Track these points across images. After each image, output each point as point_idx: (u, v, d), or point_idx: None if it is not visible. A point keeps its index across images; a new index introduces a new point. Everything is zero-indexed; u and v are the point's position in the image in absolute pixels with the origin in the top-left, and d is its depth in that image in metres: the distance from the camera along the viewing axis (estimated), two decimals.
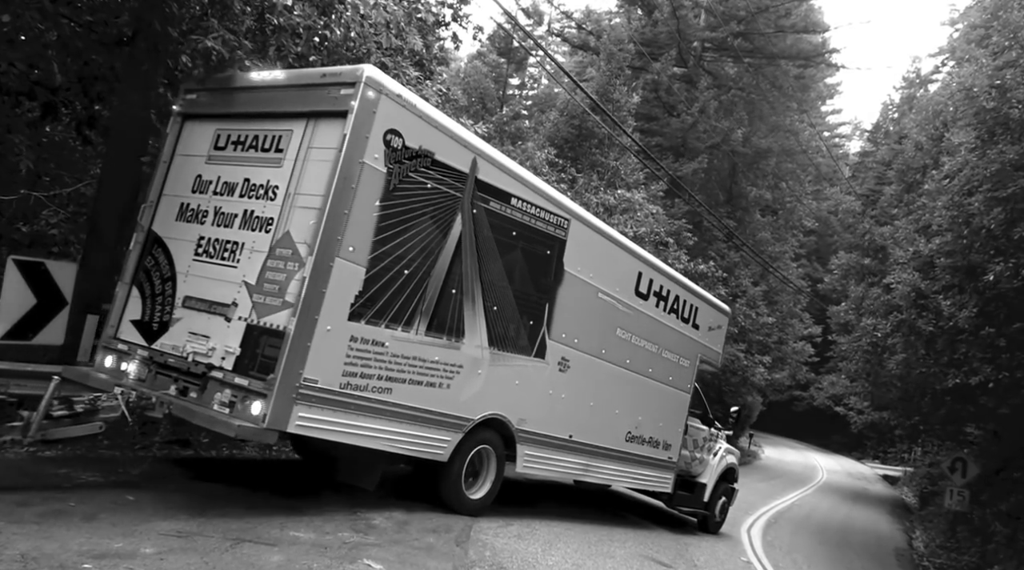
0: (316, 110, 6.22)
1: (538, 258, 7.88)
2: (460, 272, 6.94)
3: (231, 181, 6.60)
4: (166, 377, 6.28)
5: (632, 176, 22.92)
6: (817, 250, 48.85)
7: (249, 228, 6.32)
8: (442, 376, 6.92)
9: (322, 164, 6.01)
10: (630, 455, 9.83)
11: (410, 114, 6.28)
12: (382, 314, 6.27)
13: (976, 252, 14.78)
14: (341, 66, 7.21)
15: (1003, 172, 13.41)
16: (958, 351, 16.02)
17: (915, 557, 17.09)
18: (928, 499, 24.00)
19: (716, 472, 11.62)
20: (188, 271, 6.60)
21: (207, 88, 7.10)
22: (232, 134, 6.78)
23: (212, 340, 6.16)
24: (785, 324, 34.78)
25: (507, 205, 7.39)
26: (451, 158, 6.69)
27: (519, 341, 7.76)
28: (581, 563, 7.24)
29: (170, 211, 6.96)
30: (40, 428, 5.70)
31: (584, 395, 8.82)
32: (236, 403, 5.78)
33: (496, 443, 7.73)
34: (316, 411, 5.89)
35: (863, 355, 23.47)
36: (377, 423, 6.40)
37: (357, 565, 5.35)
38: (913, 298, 17.99)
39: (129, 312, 6.87)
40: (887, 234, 25.04)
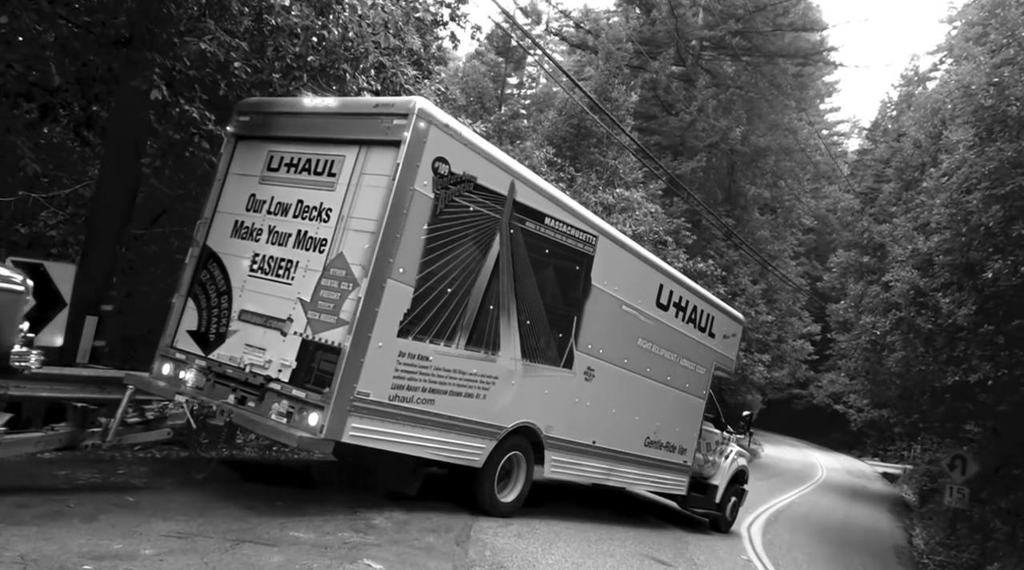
0: (369, 138, 6.57)
1: (568, 274, 8.27)
2: (497, 289, 7.32)
3: (285, 202, 6.96)
4: (224, 387, 6.61)
5: (631, 175, 22.92)
6: (816, 248, 48.88)
7: (303, 247, 6.68)
8: (479, 387, 7.32)
9: (375, 190, 6.37)
10: (649, 459, 10.18)
11: (456, 142, 6.64)
12: (427, 330, 6.69)
13: (975, 250, 14.79)
14: (392, 97, 7.70)
15: (1001, 170, 13.42)
16: (957, 349, 16.03)
17: (915, 554, 17.10)
18: (928, 497, 24.01)
19: (728, 474, 11.95)
20: (243, 286, 6.96)
21: (260, 111, 7.43)
22: (285, 156, 7.12)
23: (268, 353, 6.53)
24: (784, 322, 34.80)
25: (541, 224, 7.77)
26: (492, 182, 7.07)
27: (549, 353, 8.14)
28: (581, 562, 7.24)
29: (224, 228, 7.28)
30: (117, 433, 6.07)
31: (607, 403, 9.17)
32: (293, 414, 6.15)
33: (526, 449, 8.09)
34: (367, 422, 6.28)
35: (862, 353, 23.48)
36: (421, 432, 6.79)
37: (357, 565, 5.35)
38: (912, 296, 18.00)
39: (185, 323, 7.20)
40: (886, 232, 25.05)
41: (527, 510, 8.45)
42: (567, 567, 6.90)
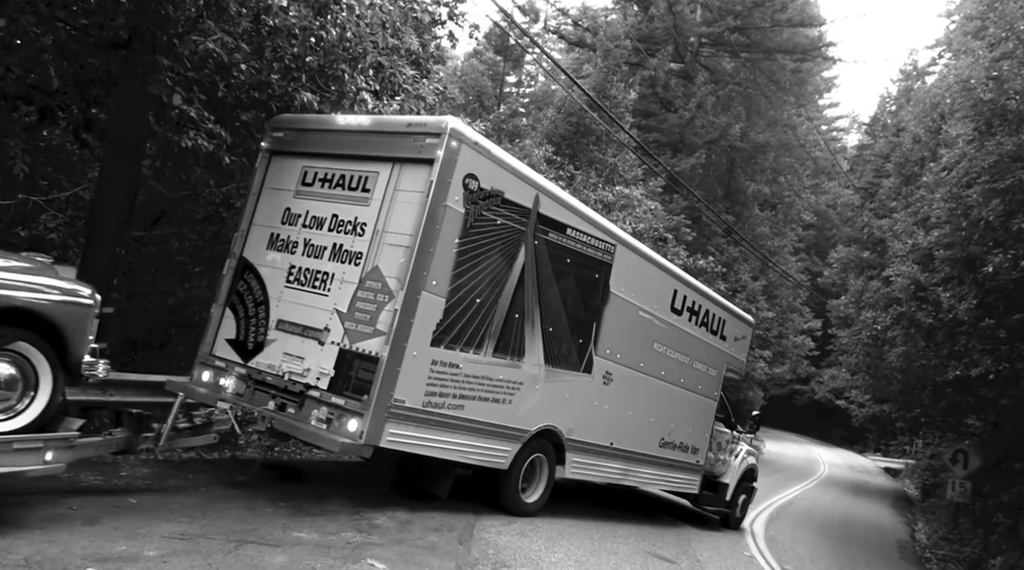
0: (402, 156, 6.84)
1: (588, 282, 8.56)
2: (522, 298, 7.62)
3: (320, 216, 7.23)
4: (264, 393, 6.89)
5: (630, 172, 22.90)
6: (816, 244, 48.87)
7: (338, 260, 6.97)
8: (505, 392, 7.62)
9: (409, 206, 6.65)
10: (663, 460, 10.49)
11: (485, 158, 6.93)
12: (458, 339, 6.98)
13: (975, 244, 14.78)
14: (425, 117, 8.10)
15: (1001, 163, 13.41)
16: (958, 343, 16.02)
17: (918, 549, 17.10)
18: (930, 491, 24.01)
19: (738, 473, 12.22)
20: (280, 296, 7.22)
21: (293, 127, 7.69)
22: (319, 172, 7.37)
23: (306, 361, 6.79)
24: (785, 318, 34.80)
25: (563, 235, 8.05)
26: (518, 196, 7.35)
27: (570, 358, 8.44)
28: (584, 560, 7.24)
29: (260, 240, 7.56)
30: (168, 438, 6.30)
31: (624, 405, 9.46)
32: (333, 420, 6.45)
33: (548, 451, 8.38)
34: (403, 427, 6.60)
35: (863, 348, 23.47)
36: (451, 436, 7.10)
37: (361, 565, 5.36)
38: (913, 291, 17.99)
39: (224, 331, 7.46)
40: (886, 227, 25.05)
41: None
42: (570, 565, 6.90)
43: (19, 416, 4.90)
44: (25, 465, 4.79)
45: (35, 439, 4.88)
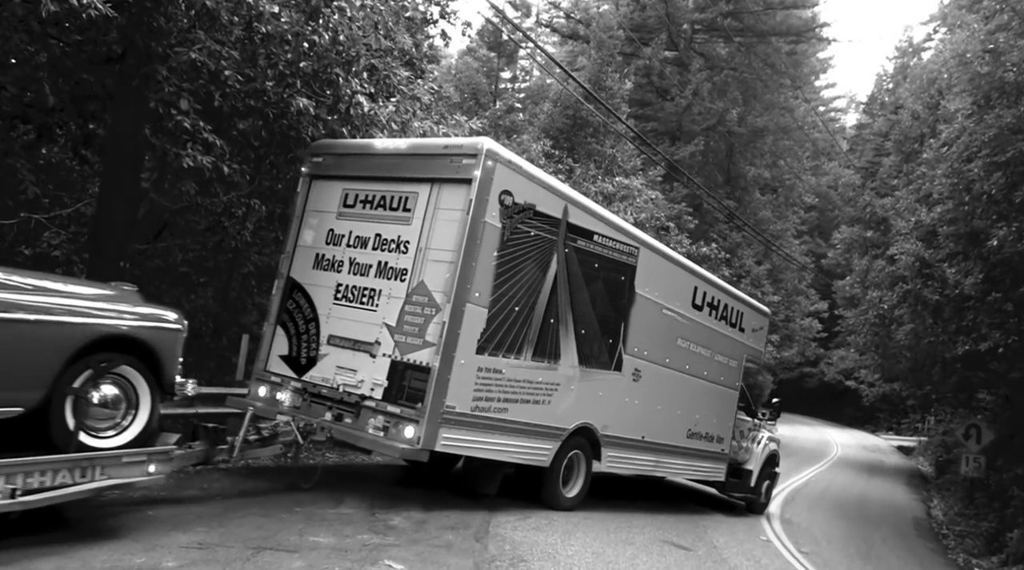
0: (440, 177, 7.25)
1: (615, 284, 8.96)
2: (556, 304, 8.03)
3: (363, 235, 7.66)
4: (320, 405, 7.31)
5: (629, 163, 22.87)
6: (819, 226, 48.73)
7: (384, 277, 7.40)
8: (544, 394, 8.02)
9: (450, 223, 7.07)
10: (691, 450, 10.92)
11: (518, 175, 7.37)
12: (500, 346, 7.39)
13: (978, 218, 14.72)
14: (460, 138, 8.65)
15: (1001, 136, 13.35)
16: (966, 318, 15.98)
17: (934, 526, 17.09)
18: (944, 467, 23.96)
19: (761, 459, 12.57)
20: (330, 313, 7.65)
21: (332, 152, 8.14)
22: (360, 193, 7.79)
23: (359, 373, 7.24)
24: (791, 301, 34.71)
25: (591, 242, 8.46)
26: (548, 207, 7.77)
27: (601, 358, 8.83)
28: (600, 551, 7.26)
29: (306, 260, 7.99)
30: (240, 450, 6.61)
31: (653, 400, 9.87)
32: (389, 428, 6.86)
33: (585, 447, 8.75)
34: (455, 431, 7.01)
35: (871, 328, 23.42)
36: (498, 438, 7.52)
37: (378, 566, 5.38)
38: (918, 268, 17.95)
39: (276, 348, 7.92)
40: (888, 205, 24.96)
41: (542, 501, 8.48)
42: (587, 557, 6.92)
43: (124, 432, 5.37)
44: (132, 477, 5.25)
45: (140, 453, 5.32)
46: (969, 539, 14.99)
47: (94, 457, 5.02)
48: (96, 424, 5.20)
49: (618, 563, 7.00)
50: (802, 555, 10.14)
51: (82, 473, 4.92)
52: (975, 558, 13.53)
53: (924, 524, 17.08)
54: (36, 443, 4.89)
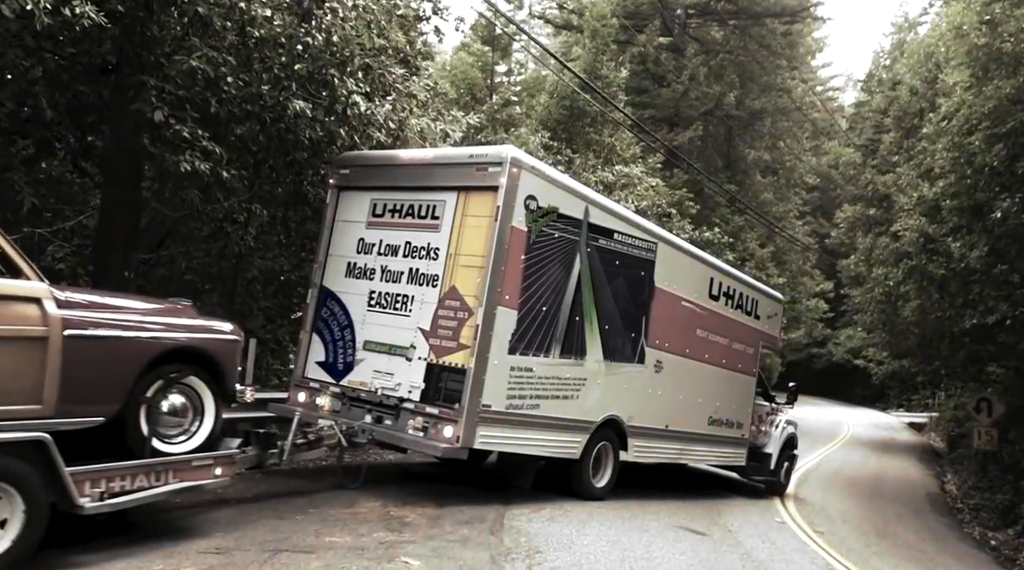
0: (467, 185, 7.52)
1: (636, 280, 9.26)
2: (581, 302, 8.32)
3: (393, 243, 7.96)
4: (360, 408, 7.65)
5: (628, 151, 22.80)
6: (821, 206, 48.57)
7: (416, 283, 7.70)
8: (573, 389, 8.33)
9: (479, 230, 7.36)
10: (712, 436, 11.27)
11: (541, 180, 7.68)
12: (530, 346, 7.69)
13: (981, 191, 14.66)
14: (485, 147, 8.90)
15: (1001, 107, 13.28)
16: (972, 292, 15.93)
17: (948, 500, 17.09)
18: (956, 442, 23.93)
19: (779, 442, 12.94)
20: (364, 320, 7.96)
21: (359, 164, 8.47)
22: (388, 203, 8.09)
23: (396, 377, 7.55)
24: (796, 283, 34.62)
25: (611, 240, 8.75)
26: (570, 209, 8.06)
27: (625, 351, 9.14)
28: (616, 539, 7.28)
29: (338, 269, 8.32)
30: (290, 453, 6.86)
31: (675, 390, 10.17)
32: (429, 428, 7.15)
33: (613, 438, 9.05)
34: (491, 429, 7.31)
35: (877, 305, 23.36)
36: (531, 433, 7.81)
37: (395, 563, 5.41)
38: (922, 243, 17.89)
39: (313, 355, 8.25)
40: (890, 182, 24.86)
41: (558, 493, 8.51)
42: (603, 545, 6.94)
43: (192, 438, 5.73)
44: (201, 480, 5.59)
45: (207, 457, 5.68)
46: (984, 512, 14.99)
47: (167, 462, 5.38)
48: (167, 431, 5.56)
49: (634, 550, 7.02)
50: (817, 535, 10.15)
51: (157, 477, 5.27)
52: (991, 531, 13.53)
53: (938, 499, 17.08)
54: (113, 450, 5.19)
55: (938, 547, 11.46)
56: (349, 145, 9.12)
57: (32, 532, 4.39)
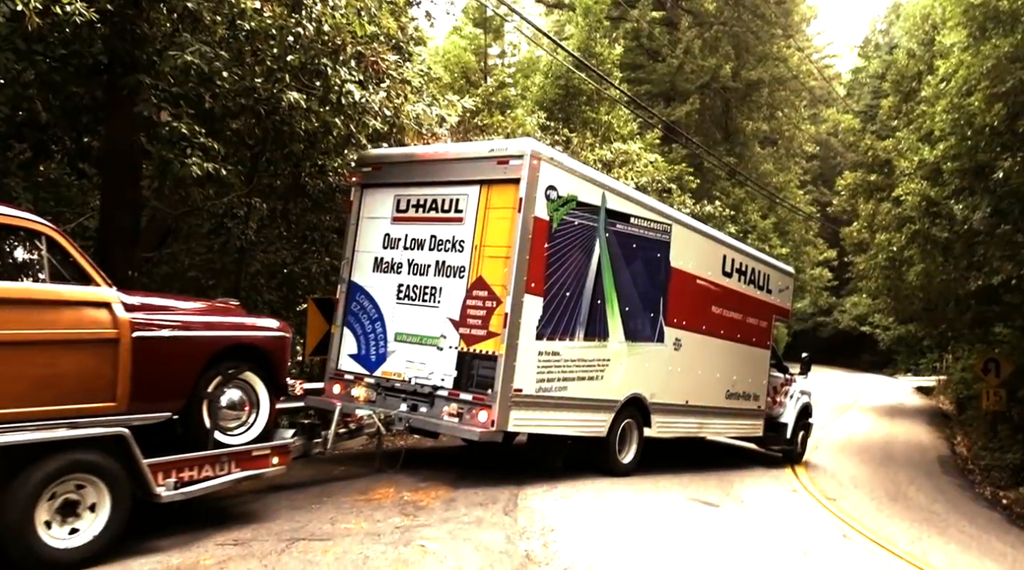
0: (489, 178, 7.76)
1: (653, 261, 9.56)
2: (602, 286, 8.60)
3: (419, 237, 8.24)
4: (395, 398, 7.96)
5: (626, 128, 22.69)
6: (822, 174, 48.35)
7: (443, 275, 7.98)
8: (597, 370, 8.61)
9: (502, 221, 7.62)
10: (730, 410, 11.66)
11: (561, 170, 7.94)
12: (556, 331, 7.97)
13: (982, 151, 14.56)
14: (504, 141, 9.01)
15: (1000, 66, 13.16)
16: (976, 253, 15.87)
17: (959, 462, 17.16)
18: (965, 404, 23.98)
19: (794, 412, 13.26)
20: (394, 312, 8.25)
21: (381, 162, 8.74)
22: (411, 198, 8.36)
23: (428, 366, 7.85)
24: (800, 252, 34.57)
25: (628, 224, 9.02)
26: (589, 197, 8.32)
27: (645, 332, 9.44)
28: (629, 515, 7.34)
29: (366, 265, 8.61)
30: (333, 442, 7.19)
31: (693, 366, 10.51)
32: (463, 414, 7.46)
33: (636, 415, 9.34)
34: (523, 412, 7.61)
35: (881, 271, 23.26)
36: (560, 414, 8.11)
37: (411, 547, 5.46)
38: (924, 207, 17.80)
39: (345, 348, 8.57)
40: (890, 147, 24.68)
41: (570, 472, 8.56)
42: (616, 521, 7.00)
43: (250, 430, 6.08)
44: (260, 468, 5.96)
45: (265, 447, 6.06)
46: (995, 472, 15.05)
47: (230, 452, 5.75)
48: (226, 424, 5.92)
49: (647, 524, 7.08)
50: (830, 502, 10.21)
51: (221, 467, 5.65)
52: (1002, 490, 13.59)
53: (949, 461, 17.15)
54: (178, 443, 5.57)
55: (950, 508, 11.51)
56: (345, 135, 9.10)
57: (118, 519, 4.81)
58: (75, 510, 4.69)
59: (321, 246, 11.25)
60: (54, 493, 4.58)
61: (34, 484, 4.45)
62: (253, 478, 6.00)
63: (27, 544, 4.41)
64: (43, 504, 4.51)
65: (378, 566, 4.99)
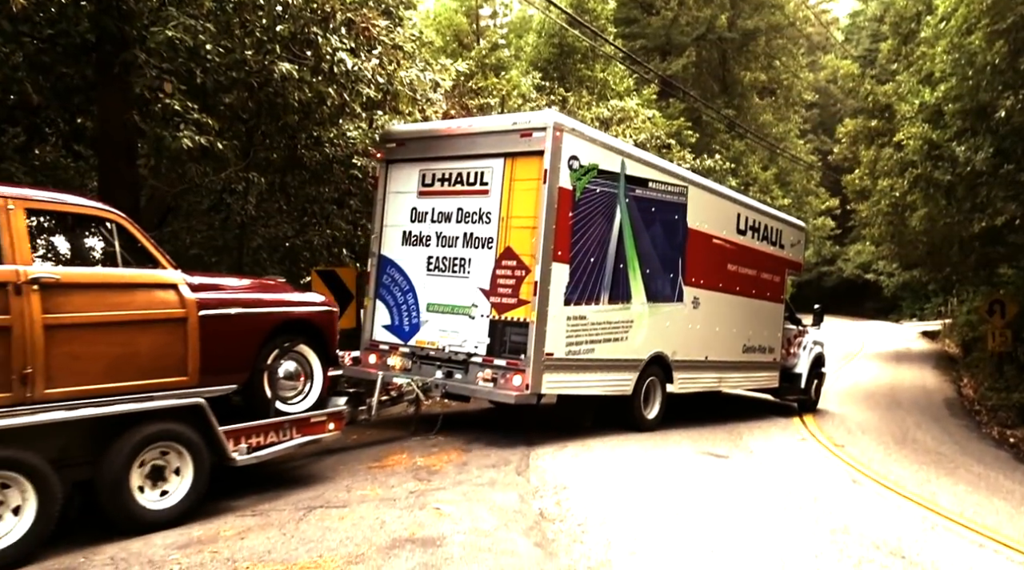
0: (513, 151, 8.01)
1: (671, 224, 9.85)
2: (623, 250, 8.90)
3: (446, 210, 8.51)
4: (429, 365, 8.31)
5: (622, 84, 22.45)
6: (822, 122, 47.91)
7: (472, 246, 8.27)
8: (622, 331, 8.95)
9: (528, 192, 7.90)
10: (747, 363, 12.03)
11: (582, 140, 8.18)
12: (582, 296, 8.28)
13: (983, 91, 14.36)
14: (527, 114, 9.33)
15: (1000, 2, 12.91)
16: (979, 195, 15.75)
17: (965, 403, 17.27)
18: (971, 346, 24.03)
19: (808, 362, 13.66)
20: (425, 284, 8.57)
21: (405, 138, 8.97)
22: (436, 173, 8.62)
23: (461, 334, 8.19)
24: (802, 203, 34.42)
25: (646, 189, 9.29)
26: (609, 164, 8.59)
27: (665, 292, 9.77)
28: (640, 471, 7.43)
29: (394, 238, 8.90)
30: (377, 410, 7.46)
31: (711, 323, 10.85)
32: (498, 379, 7.79)
33: (659, 373, 9.71)
34: (555, 375, 7.95)
35: (884, 218, 23.15)
36: (589, 375, 8.48)
37: (426, 511, 5.55)
38: (926, 150, 17.62)
39: (379, 320, 8.90)
40: (890, 91, 24.39)
41: (580, 432, 8.65)
42: (627, 476, 7.08)
43: (306, 399, 6.46)
44: (318, 434, 6.35)
45: (322, 414, 6.44)
46: (1002, 412, 15.13)
47: (291, 419, 6.15)
48: (285, 394, 6.28)
49: (657, 479, 7.17)
50: (838, 449, 10.31)
51: (284, 433, 6.04)
52: (1009, 429, 13.69)
53: (956, 403, 17.26)
54: (236, 414, 5.86)
55: (958, 449, 11.62)
56: (339, 104, 9.01)
57: (201, 482, 5.27)
58: (162, 475, 5.15)
59: (321, 218, 11.23)
60: (144, 460, 5.03)
61: (127, 451, 4.90)
62: (312, 443, 6.38)
63: (126, 506, 4.89)
64: (135, 470, 4.97)
65: (395, 530, 5.07)
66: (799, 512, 6.55)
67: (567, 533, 5.28)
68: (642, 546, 5.11)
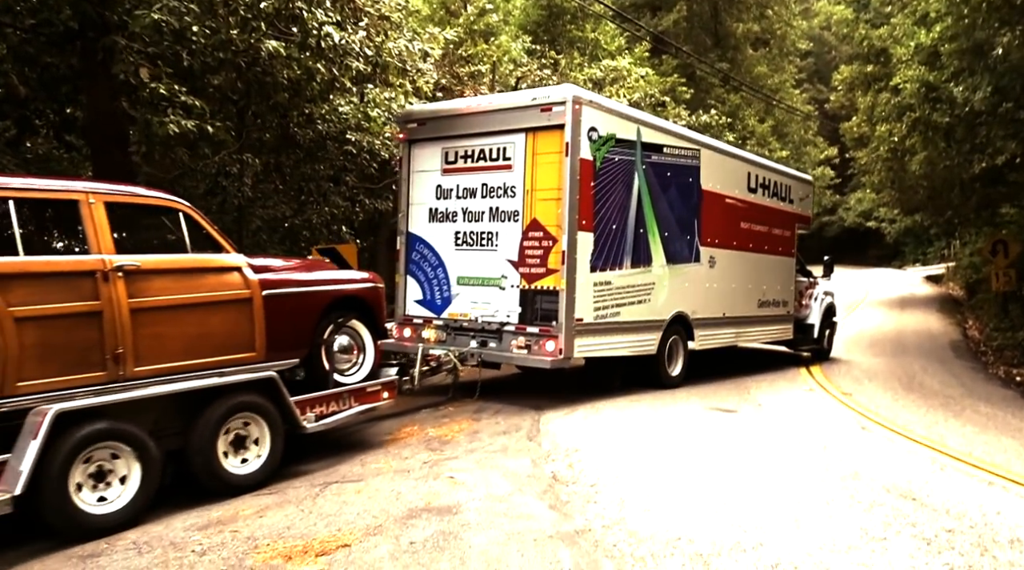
0: (534, 126, 8.25)
1: (686, 187, 10.14)
2: (643, 216, 9.21)
3: (470, 186, 8.76)
4: (464, 336, 8.66)
5: (613, 44, 22.17)
6: (817, 71, 47.40)
7: (498, 220, 8.54)
8: (644, 294, 9.33)
9: (551, 166, 8.18)
10: (763, 317, 12.43)
11: (600, 111, 8.45)
12: (607, 262, 8.64)
13: (980, 29, 14.14)
14: (546, 89, 9.38)
15: None
16: (979, 135, 15.64)
17: (971, 345, 17.30)
18: (975, 288, 24.02)
19: (820, 313, 14.08)
20: (454, 258, 8.87)
21: (425, 117, 9.19)
22: (459, 150, 8.85)
23: (492, 305, 8.52)
24: (800, 153, 34.21)
25: (662, 154, 9.59)
26: (625, 133, 8.88)
27: (683, 253, 10.11)
28: (649, 428, 7.49)
29: (421, 216, 9.16)
30: (419, 379, 7.81)
31: (727, 281, 11.23)
32: (531, 345, 8.16)
33: (681, 332, 10.14)
34: (585, 339, 8.32)
35: (884, 164, 23.02)
36: (616, 338, 8.85)
37: (440, 480, 5.61)
38: (923, 93, 17.45)
39: (411, 295, 9.23)
40: (885, 35, 24.07)
41: (589, 394, 8.71)
42: (637, 435, 7.14)
43: (360, 370, 6.91)
44: (374, 402, 6.76)
45: (377, 384, 6.87)
46: (1007, 351, 15.17)
47: (350, 389, 6.56)
48: (340, 366, 6.72)
49: (668, 436, 7.23)
50: (845, 397, 10.37)
51: (344, 402, 6.44)
52: (1015, 368, 13.73)
53: (961, 346, 17.30)
54: (296, 386, 6.22)
55: (965, 391, 11.67)
56: (329, 79, 8.94)
57: (277, 450, 5.66)
58: (243, 443, 5.54)
59: (318, 196, 11.20)
60: (228, 428, 5.42)
61: (215, 420, 5.31)
62: (369, 411, 6.77)
63: (215, 471, 5.31)
64: (221, 437, 5.36)
65: (411, 500, 5.14)
66: (809, 461, 6.60)
67: (581, 494, 5.34)
68: (655, 503, 5.17)
